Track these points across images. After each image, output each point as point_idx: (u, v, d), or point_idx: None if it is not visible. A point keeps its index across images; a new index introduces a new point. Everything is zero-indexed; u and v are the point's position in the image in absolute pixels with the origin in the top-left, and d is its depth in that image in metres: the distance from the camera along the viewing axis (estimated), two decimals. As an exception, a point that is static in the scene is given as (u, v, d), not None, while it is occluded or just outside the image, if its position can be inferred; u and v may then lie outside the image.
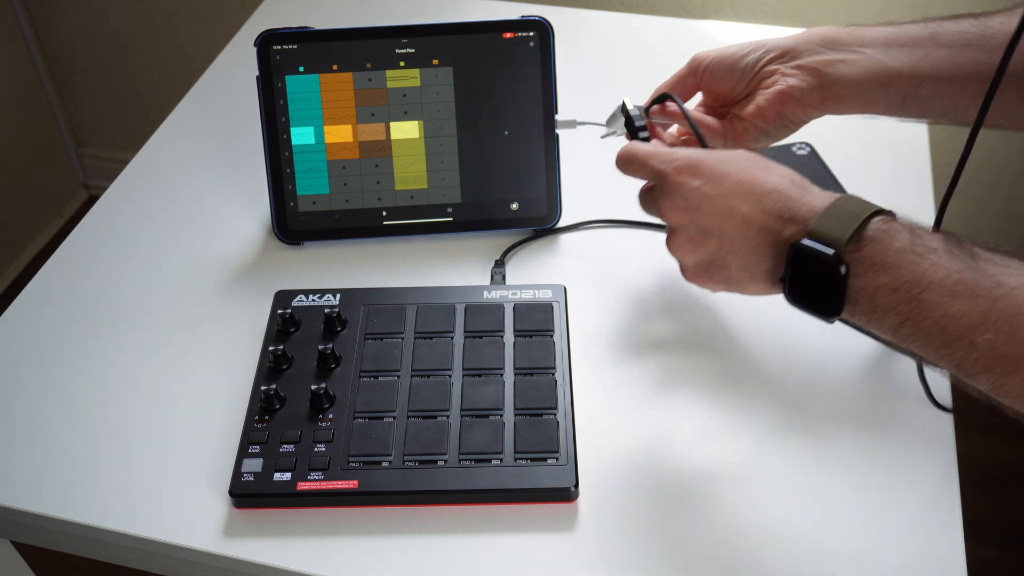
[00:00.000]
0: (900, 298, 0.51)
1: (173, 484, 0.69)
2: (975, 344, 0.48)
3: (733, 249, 0.60)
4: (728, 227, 0.60)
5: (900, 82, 0.67)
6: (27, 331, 0.81)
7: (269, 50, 0.84)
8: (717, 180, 0.61)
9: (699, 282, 0.65)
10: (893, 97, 0.67)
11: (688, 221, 0.62)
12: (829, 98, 0.67)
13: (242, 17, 1.27)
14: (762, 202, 0.59)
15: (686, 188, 0.62)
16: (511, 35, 0.85)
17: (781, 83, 0.68)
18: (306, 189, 0.86)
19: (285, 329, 0.76)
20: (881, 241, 0.54)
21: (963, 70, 0.66)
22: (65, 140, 2.02)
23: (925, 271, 0.51)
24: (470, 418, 0.70)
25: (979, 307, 0.49)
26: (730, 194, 0.60)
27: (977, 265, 0.51)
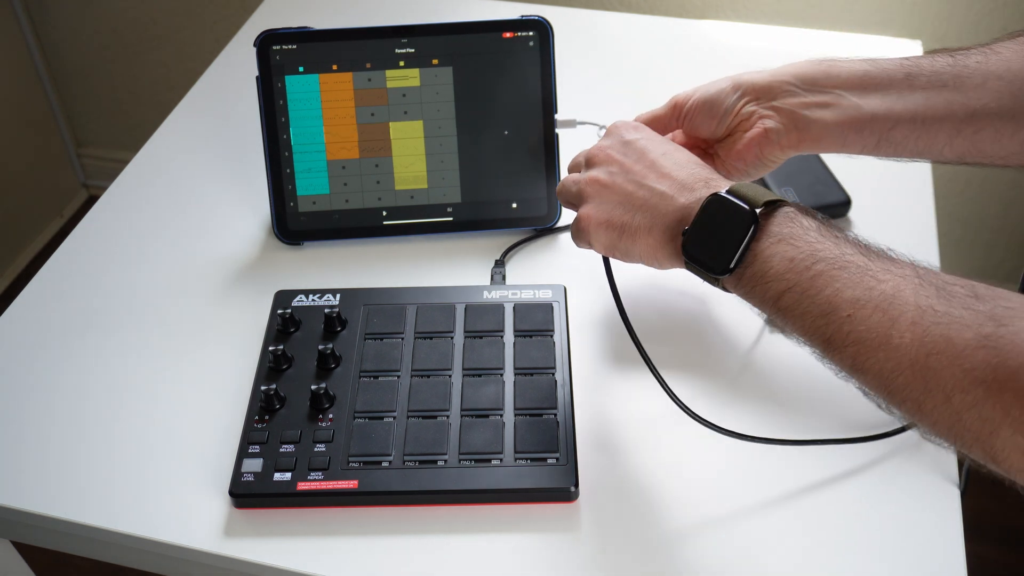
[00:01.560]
0: (793, 267, 0.54)
1: (173, 484, 0.69)
2: (852, 317, 0.50)
3: (647, 199, 0.63)
4: (650, 176, 0.63)
5: (874, 125, 0.68)
6: (27, 331, 0.81)
7: (269, 50, 0.84)
8: (656, 140, 0.66)
9: (593, 229, 0.66)
10: (867, 140, 0.68)
11: (616, 160, 0.65)
12: (805, 140, 0.68)
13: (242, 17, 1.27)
14: (691, 166, 0.63)
15: (627, 135, 0.67)
16: (511, 35, 0.85)
17: (759, 126, 0.69)
18: (306, 189, 0.86)
19: (285, 329, 0.76)
20: (791, 217, 0.57)
21: (938, 112, 0.66)
22: (65, 140, 2.02)
23: (825, 247, 0.54)
24: (470, 418, 0.70)
25: (864, 284, 0.51)
26: (664, 152, 0.64)
27: (870, 253, 0.53)
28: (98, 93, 1.95)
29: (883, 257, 0.53)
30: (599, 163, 0.67)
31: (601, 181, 0.66)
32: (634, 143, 0.66)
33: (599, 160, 0.67)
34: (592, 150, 0.69)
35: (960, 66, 0.67)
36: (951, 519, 0.66)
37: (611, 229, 0.64)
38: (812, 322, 0.53)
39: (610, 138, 0.69)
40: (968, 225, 1.57)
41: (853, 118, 0.67)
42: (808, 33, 1.14)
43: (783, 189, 0.89)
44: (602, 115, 0.88)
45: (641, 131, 0.68)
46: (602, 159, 0.67)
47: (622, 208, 0.64)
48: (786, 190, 0.89)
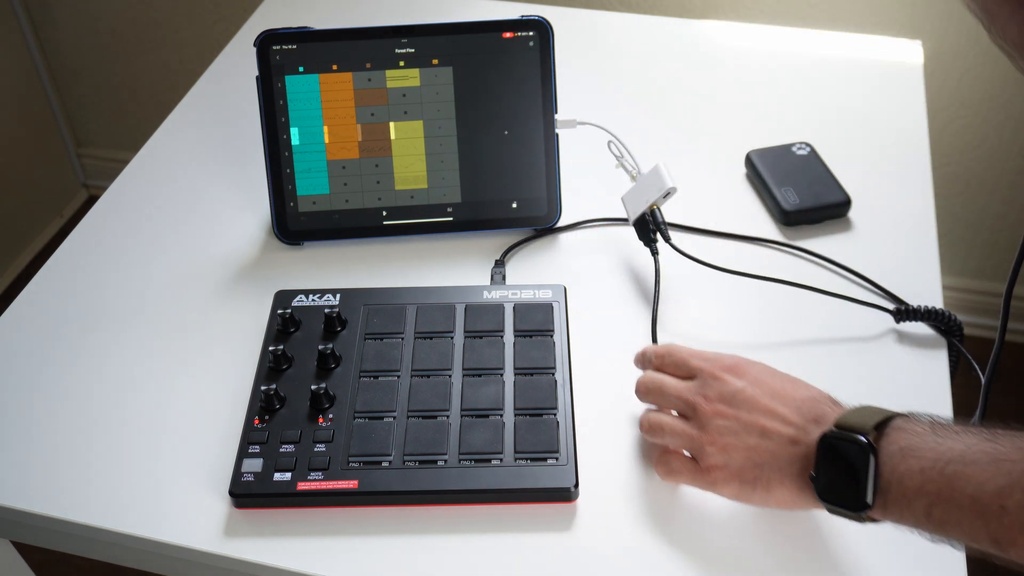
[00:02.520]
0: (927, 477, 0.52)
1: (173, 484, 0.69)
2: (1006, 508, 0.48)
3: (770, 449, 0.61)
4: (768, 426, 0.61)
5: None
6: (27, 331, 0.81)
7: (269, 50, 0.84)
8: (759, 384, 0.63)
9: (728, 481, 0.63)
10: None
11: (730, 415, 0.62)
12: None
13: (242, 17, 1.27)
14: (800, 407, 0.61)
15: (731, 386, 0.63)
16: (511, 35, 0.85)
17: None
18: (306, 189, 0.86)
19: (285, 329, 0.76)
20: (904, 428, 0.55)
21: None
22: (65, 140, 2.02)
23: (948, 447, 0.52)
24: (470, 418, 0.70)
25: (1003, 470, 0.49)
26: (772, 396, 0.62)
27: (995, 436, 0.51)
28: (98, 93, 1.95)
29: (1007, 434, 0.51)
30: (708, 418, 0.63)
31: (722, 442, 0.62)
32: (740, 393, 0.63)
33: (708, 416, 0.63)
34: (694, 401, 0.64)
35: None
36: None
37: (744, 484, 0.62)
38: (971, 527, 0.50)
39: (709, 386, 0.64)
40: (968, 225, 1.57)
41: None
42: (808, 33, 1.14)
43: (783, 189, 0.89)
44: (602, 115, 0.88)
45: (740, 374, 0.64)
46: (711, 414, 0.63)
47: (750, 463, 0.61)
48: (786, 190, 0.89)
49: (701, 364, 0.66)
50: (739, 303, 0.81)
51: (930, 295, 0.81)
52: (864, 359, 0.77)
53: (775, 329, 0.79)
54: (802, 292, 0.80)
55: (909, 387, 0.74)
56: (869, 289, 0.82)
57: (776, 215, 0.89)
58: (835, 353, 0.77)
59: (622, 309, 0.81)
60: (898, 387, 0.74)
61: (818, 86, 1.05)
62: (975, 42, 1.38)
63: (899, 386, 0.74)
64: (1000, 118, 1.43)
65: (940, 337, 0.78)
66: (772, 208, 0.89)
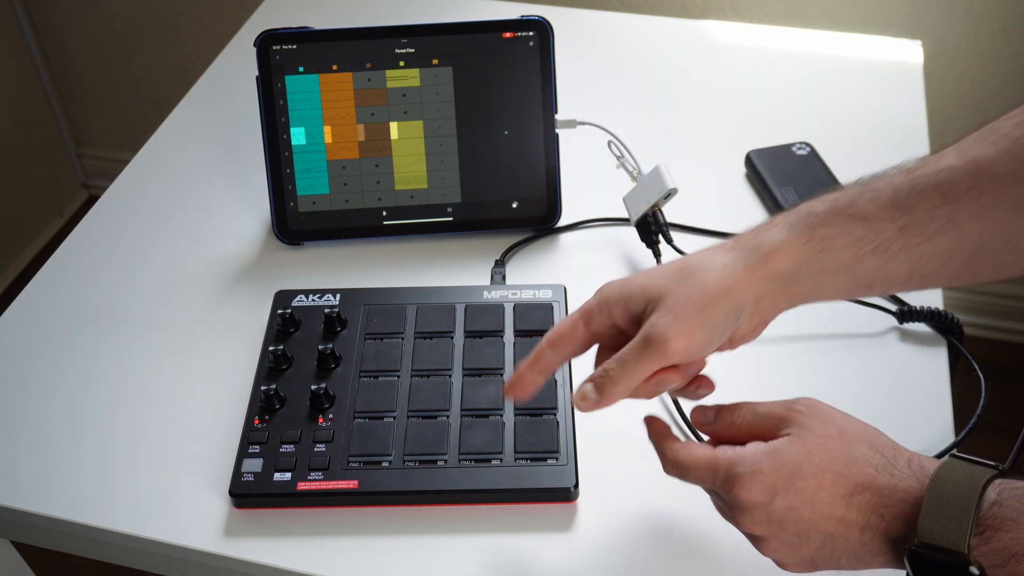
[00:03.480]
0: None
1: (173, 484, 0.69)
2: None
3: (837, 546, 0.54)
4: (826, 528, 0.53)
5: (871, 291, 0.61)
6: (27, 331, 0.81)
7: (269, 50, 0.84)
8: (793, 489, 0.53)
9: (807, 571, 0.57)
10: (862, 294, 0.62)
11: (777, 531, 0.54)
12: None
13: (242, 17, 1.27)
14: (853, 502, 0.53)
15: (763, 507, 0.54)
16: (511, 35, 0.85)
17: None
18: (306, 189, 0.86)
19: (285, 329, 0.76)
20: (1005, 526, 0.48)
21: (936, 265, 0.57)
22: (65, 140, 2.02)
23: None
24: (470, 418, 0.70)
25: None
26: (815, 501, 0.53)
27: None
28: (98, 93, 1.95)
29: None
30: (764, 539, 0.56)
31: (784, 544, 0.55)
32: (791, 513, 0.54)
33: (763, 537, 0.56)
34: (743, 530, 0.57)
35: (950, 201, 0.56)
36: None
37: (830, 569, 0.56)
38: None
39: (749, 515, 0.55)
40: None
41: (848, 291, 0.61)
42: (808, 33, 1.14)
43: (783, 189, 0.89)
44: (602, 115, 0.87)
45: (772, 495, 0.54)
46: (767, 536, 0.55)
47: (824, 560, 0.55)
48: (786, 190, 0.89)
49: (722, 485, 0.55)
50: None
51: (930, 295, 0.81)
52: (864, 359, 0.77)
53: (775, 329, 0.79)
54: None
55: (909, 387, 0.74)
56: (869, 289, 0.82)
57: (776, 215, 0.89)
58: (835, 353, 0.77)
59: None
60: (898, 387, 0.74)
61: (818, 86, 1.05)
62: (975, 42, 1.38)
63: (899, 386, 0.74)
64: (1000, 118, 1.43)
65: (940, 337, 0.78)
66: (772, 208, 0.89)
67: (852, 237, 0.56)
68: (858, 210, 0.57)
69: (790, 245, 0.57)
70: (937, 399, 0.73)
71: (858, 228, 0.56)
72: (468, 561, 0.64)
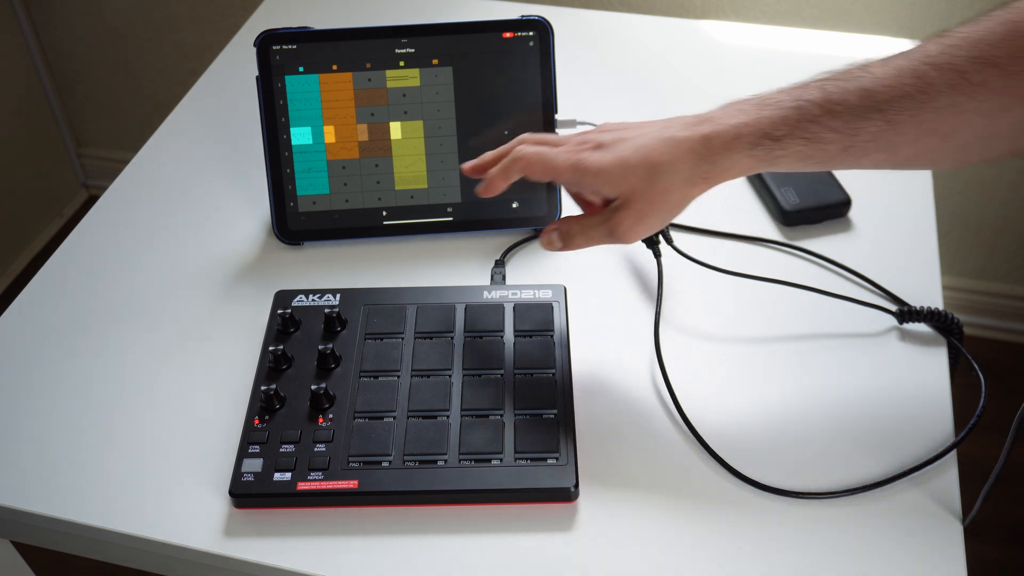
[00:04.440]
0: None
1: (173, 484, 0.69)
2: None
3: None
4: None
5: None
6: (27, 331, 0.81)
7: (269, 50, 0.84)
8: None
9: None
10: None
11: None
12: None
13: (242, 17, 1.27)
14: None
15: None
16: (511, 35, 0.85)
17: None
18: (306, 189, 0.86)
19: (285, 329, 0.76)
20: None
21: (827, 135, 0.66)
22: (65, 140, 2.02)
23: None
24: (470, 418, 0.70)
25: None
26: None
27: None
28: (98, 93, 1.95)
29: None
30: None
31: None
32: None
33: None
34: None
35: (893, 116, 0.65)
36: (951, 519, 0.66)
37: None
38: None
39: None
40: (968, 225, 1.57)
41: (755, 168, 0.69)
42: (808, 33, 1.14)
43: (783, 189, 0.89)
44: (602, 115, 0.87)
45: None
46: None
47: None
48: (786, 190, 0.89)
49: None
50: (740, 303, 0.81)
51: (930, 295, 0.81)
52: (864, 359, 0.77)
53: (775, 328, 0.79)
54: (801, 292, 0.81)
55: (909, 387, 0.74)
56: (869, 289, 0.82)
57: (776, 215, 0.89)
58: (835, 353, 0.77)
59: (622, 309, 0.81)
60: (898, 387, 0.74)
61: (818, 86, 1.04)
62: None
63: (899, 386, 0.74)
64: (1000, 118, 1.43)
65: (940, 337, 0.78)
66: (772, 208, 0.89)
67: (804, 159, 0.65)
68: (814, 134, 0.64)
69: (748, 168, 0.66)
70: (937, 399, 0.73)
71: (807, 149, 0.65)
72: (468, 561, 0.64)
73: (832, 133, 0.64)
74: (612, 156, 0.66)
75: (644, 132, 0.67)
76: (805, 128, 0.64)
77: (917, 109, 0.63)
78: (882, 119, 0.64)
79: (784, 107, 0.65)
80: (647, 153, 0.65)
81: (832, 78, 0.66)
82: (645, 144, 0.66)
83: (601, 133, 0.69)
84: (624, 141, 0.67)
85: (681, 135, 0.65)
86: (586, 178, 0.67)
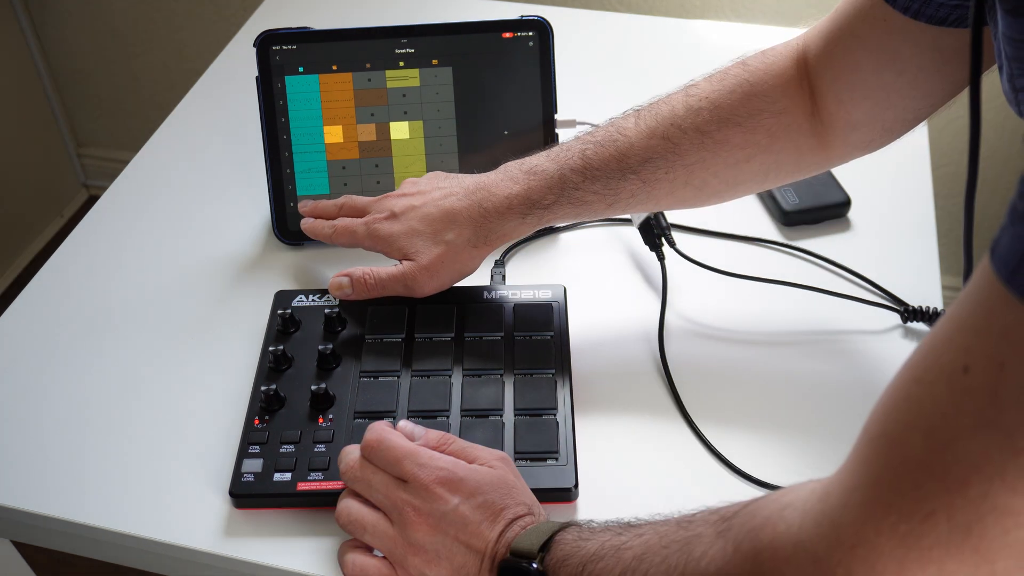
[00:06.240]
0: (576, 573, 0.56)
1: (173, 484, 0.69)
2: None
3: (456, 561, 0.59)
4: (474, 544, 0.59)
5: None
6: (27, 331, 0.81)
7: (269, 50, 0.84)
8: (474, 496, 0.60)
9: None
10: None
11: (440, 533, 0.60)
12: None
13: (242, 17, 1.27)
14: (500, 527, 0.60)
15: (445, 504, 0.60)
16: (511, 35, 0.85)
17: None
18: (306, 189, 0.86)
19: (285, 329, 0.76)
20: (562, 540, 0.58)
21: None
22: (65, 140, 2.02)
23: (587, 549, 0.56)
24: (470, 418, 0.70)
25: (623, 558, 0.54)
26: (484, 509, 0.60)
27: (624, 529, 0.57)
28: (98, 93, 1.95)
29: (632, 525, 0.57)
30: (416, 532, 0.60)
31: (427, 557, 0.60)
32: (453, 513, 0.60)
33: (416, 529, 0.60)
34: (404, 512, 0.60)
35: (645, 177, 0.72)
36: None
37: None
38: None
39: (421, 498, 0.60)
40: (968, 225, 1.57)
41: None
42: (808, 33, 1.14)
43: (783, 189, 0.89)
44: (602, 115, 0.87)
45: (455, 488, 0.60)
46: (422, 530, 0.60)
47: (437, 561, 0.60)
48: (786, 190, 0.89)
49: (415, 472, 0.60)
50: (741, 303, 0.81)
51: (930, 295, 0.81)
52: (864, 359, 0.77)
53: (779, 325, 0.79)
54: (802, 292, 0.81)
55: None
56: (868, 289, 0.82)
57: (776, 215, 0.89)
58: (837, 353, 0.77)
59: (622, 309, 0.81)
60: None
61: (818, 86, 1.04)
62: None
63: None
64: (1000, 118, 1.43)
65: (940, 337, 0.78)
66: (772, 208, 0.89)
67: (571, 216, 0.74)
68: (578, 198, 0.72)
69: (523, 231, 0.74)
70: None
71: (573, 210, 0.73)
72: (468, 561, 0.64)
73: (594, 196, 0.72)
74: (401, 226, 0.75)
75: (428, 201, 0.75)
76: (570, 194, 0.72)
77: (669, 167, 0.71)
78: (638, 179, 0.71)
79: (550, 176, 0.72)
80: (431, 222, 0.74)
81: (591, 143, 0.72)
82: (429, 213, 0.74)
83: (399, 197, 0.77)
84: (413, 209, 0.75)
85: (459, 205, 0.73)
86: (379, 244, 0.76)
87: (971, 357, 0.38)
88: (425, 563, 0.59)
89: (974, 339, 0.38)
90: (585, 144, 0.73)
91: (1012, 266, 0.37)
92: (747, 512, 0.49)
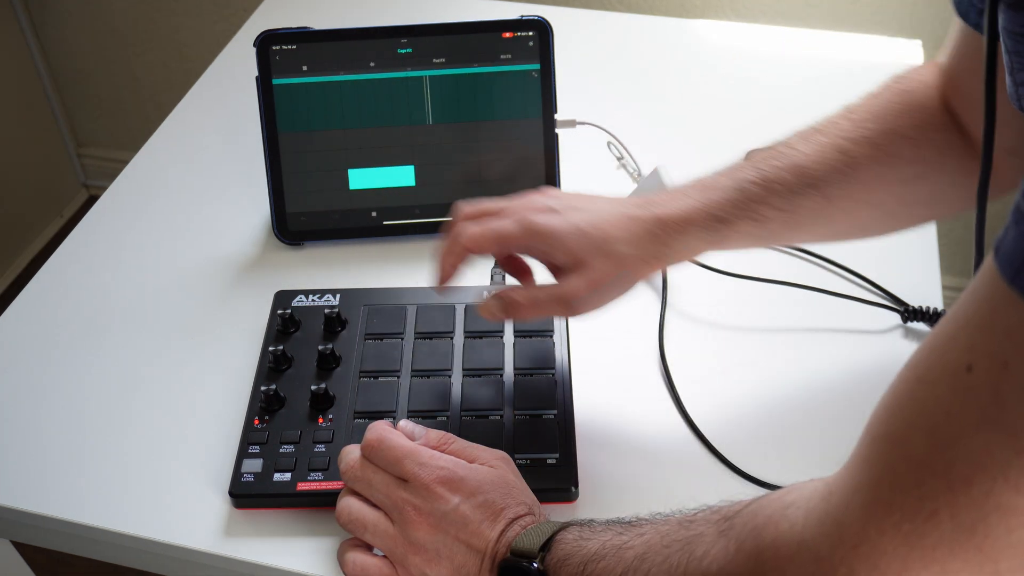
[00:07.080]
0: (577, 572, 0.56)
1: (173, 484, 0.69)
2: None
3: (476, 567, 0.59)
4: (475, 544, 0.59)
5: None
6: (27, 331, 0.81)
7: (269, 50, 0.84)
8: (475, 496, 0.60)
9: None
10: None
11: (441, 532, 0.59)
12: None
13: (242, 17, 1.27)
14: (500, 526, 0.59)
15: (446, 504, 0.59)
16: (511, 35, 0.85)
17: None
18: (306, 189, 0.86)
19: (285, 329, 0.76)
20: (562, 539, 0.58)
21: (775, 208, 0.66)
22: (65, 140, 2.02)
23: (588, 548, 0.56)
24: (470, 418, 0.70)
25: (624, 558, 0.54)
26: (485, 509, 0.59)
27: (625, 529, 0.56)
28: (98, 93, 1.95)
29: (633, 523, 0.57)
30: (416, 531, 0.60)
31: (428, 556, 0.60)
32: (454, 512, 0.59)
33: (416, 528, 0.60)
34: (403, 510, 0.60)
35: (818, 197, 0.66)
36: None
37: None
38: None
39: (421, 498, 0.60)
40: (968, 225, 1.57)
41: None
42: (808, 33, 1.14)
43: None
44: (602, 115, 0.88)
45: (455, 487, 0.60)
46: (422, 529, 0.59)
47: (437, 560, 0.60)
48: (786, 190, 0.88)
49: (415, 471, 0.60)
50: (740, 303, 0.81)
51: (930, 295, 0.81)
52: (865, 359, 0.77)
53: (779, 324, 0.79)
54: (802, 292, 0.80)
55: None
56: (868, 289, 0.82)
57: (776, 215, 0.89)
58: (838, 353, 0.77)
59: (622, 309, 0.81)
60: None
61: (818, 86, 1.04)
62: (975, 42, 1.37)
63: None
64: (1000, 118, 1.43)
65: (940, 337, 0.78)
66: (772, 208, 0.89)
67: (750, 238, 0.66)
68: (759, 213, 0.65)
69: (699, 249, 0.66)
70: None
71: (753, 228, 0.65)
72: (468, 561, 0.64)
73: (774, 211, 0.65)
74: (567, 222, 0.63)
75: (598, 205, 0.65)
76: (751, 208, 0.65)
77: (847, 182, 0.66)
78: (819, 195, 0.65)
79: (727, 189, 0.65)
80: (604, 226, 0.63)
81: (762, 158, 0.67)
82: (602, 217, 0.64)
83: (548, 197, 0.66)
84: (577, 210, 0.64)
85: (636, 213, 0.64)
86: (537, 240, 0.64)
87: (974, 356, 0.38)
88: (425, 562, 0.59)
89: (977, 338, 0.38)
90: (755, 160, 0.67)
91: (1016, 265, 0.37)
92: (749, 511, 0.49)
